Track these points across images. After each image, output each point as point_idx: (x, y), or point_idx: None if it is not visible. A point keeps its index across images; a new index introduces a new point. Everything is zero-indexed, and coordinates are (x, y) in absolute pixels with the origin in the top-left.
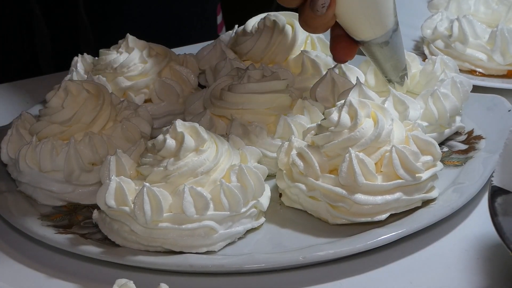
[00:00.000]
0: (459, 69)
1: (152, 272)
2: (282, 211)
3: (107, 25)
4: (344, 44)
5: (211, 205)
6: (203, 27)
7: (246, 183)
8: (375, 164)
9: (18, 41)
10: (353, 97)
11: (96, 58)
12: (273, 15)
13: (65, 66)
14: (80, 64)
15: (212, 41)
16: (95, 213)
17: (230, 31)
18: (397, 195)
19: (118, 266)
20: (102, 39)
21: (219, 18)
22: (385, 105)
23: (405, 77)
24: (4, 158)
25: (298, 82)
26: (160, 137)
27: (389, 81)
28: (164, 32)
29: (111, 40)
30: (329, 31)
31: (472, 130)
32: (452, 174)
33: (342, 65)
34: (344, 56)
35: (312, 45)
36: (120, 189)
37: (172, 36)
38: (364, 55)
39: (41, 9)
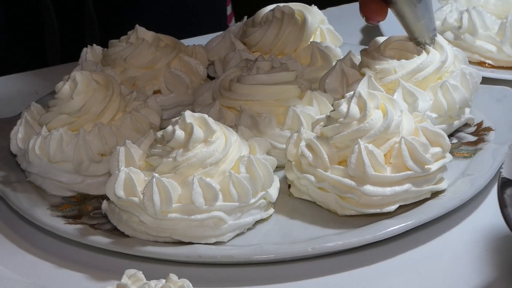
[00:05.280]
0: (469, 61)
1: (161, 262)
2: (291, 202)
3: (115, 18)
4: (374, 6)
5: (220, 196)
6: (213, 19)
7: (255, 174)
8: (384, 155)
9: (28, 32)
10: (362, 88)
11: (106, 49)
12: (283, 6)
13: (71, 57)
14: (90, 55)
15: (221, 32)
16: (105, 204)
17: (240, 22)
18: (406, 186)
19: (127, 257)
20: (109, 31)
21: (229, 9)
22: (394, 97)
23: (435, 37)
24: (13, 148)
25: (307, 73)
26: (169, 128)
27: (418, 43)
28: (173, 24)
29: (120, 32)
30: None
31: (482, 121)
32: (461, 166)
33: (351, 56)
34: (376, 16)
35: (322, 36)
36: (129, 180)
37: (181, 27)
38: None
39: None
